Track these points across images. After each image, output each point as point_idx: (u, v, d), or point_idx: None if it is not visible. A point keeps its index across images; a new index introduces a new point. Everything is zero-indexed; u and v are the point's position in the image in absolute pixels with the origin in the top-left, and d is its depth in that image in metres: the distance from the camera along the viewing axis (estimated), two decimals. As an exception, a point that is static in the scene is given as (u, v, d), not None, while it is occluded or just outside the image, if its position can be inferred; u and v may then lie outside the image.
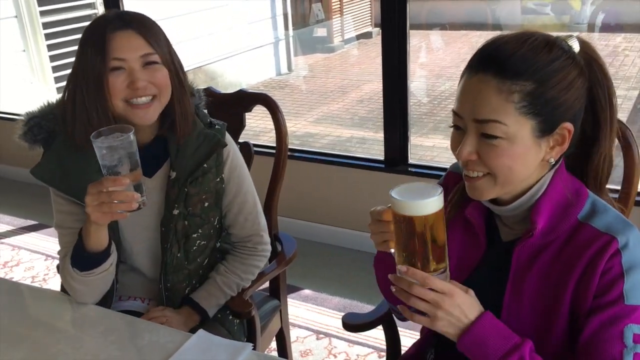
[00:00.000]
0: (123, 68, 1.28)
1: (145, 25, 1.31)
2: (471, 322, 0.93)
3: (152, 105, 1.31)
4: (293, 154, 3.04)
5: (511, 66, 0.92)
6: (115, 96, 1.28)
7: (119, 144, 1.14)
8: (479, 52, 0.97)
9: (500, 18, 7.89)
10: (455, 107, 0.98)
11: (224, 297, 1.50)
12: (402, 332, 1.50)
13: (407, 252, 0.94)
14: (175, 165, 1.39)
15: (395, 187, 0.94)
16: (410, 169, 2.74)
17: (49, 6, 4.60)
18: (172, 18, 5.42)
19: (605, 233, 0.95)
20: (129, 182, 1.16)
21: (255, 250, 1.54)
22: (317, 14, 7.99)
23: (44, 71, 4.72)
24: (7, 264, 3.03)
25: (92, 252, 1.29)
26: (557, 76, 0.93)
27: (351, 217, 2.92)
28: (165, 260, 1.43)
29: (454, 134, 1.00)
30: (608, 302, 0.93)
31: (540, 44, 0.94)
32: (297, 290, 2.63)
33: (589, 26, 7.09)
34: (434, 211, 0.91)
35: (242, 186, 1.49)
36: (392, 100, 2.68)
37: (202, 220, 1.44)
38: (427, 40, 7.73)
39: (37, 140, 1.36)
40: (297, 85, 7.24)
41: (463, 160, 0.98)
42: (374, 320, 1.41)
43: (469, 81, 0.96)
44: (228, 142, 1.45)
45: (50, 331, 1.29)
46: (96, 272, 1.32)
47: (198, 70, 6.08)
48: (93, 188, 1.18)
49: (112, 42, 1.26)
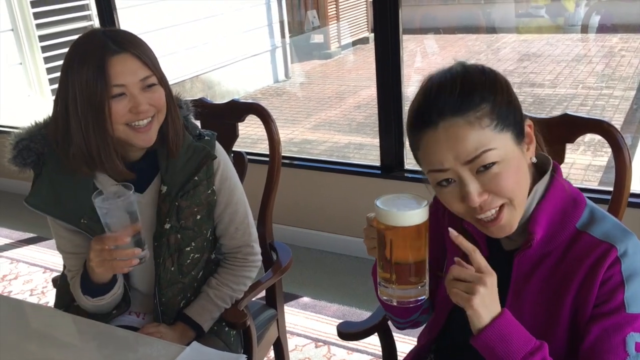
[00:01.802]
0: (124, 94, 1.27)
1: (139, 47, 1.29)
2: (496, 315, 0.92)
3: (152, 126, 1.32)
4: (291, 161, 3.05)
5: (462, 100, 0.92)
6: (117, 121, 1.28)
7: (120, 204, 1.19)
8: (423, 109, 0.95)
9: (495, 21, 7.92)
10: (430, 166, 0.95)
11: (218, 310, 1.49)
12: (398, 339, 1.49)
13: (383, 262, 0.94)
14: (165, 180, 1.39)
15: (383, 196, 0.94)
16: (406, 174, 2.75)
17: (45, 19, 4.63)
18: (169, 28, 5.45)
19: (603, 241, 0.95)
20: (130, 240, 1.22)
21: (246, 261, 1.53)
22: (313, 20, 8.02)
23: (40, 84, 4.74)
24: (5, 277, 3.03)
25: (100, 284, 1.36)
26: (496, 85, 0.95)
27: (349, 224, 2.93)
28: (159, 274, 1.43)
29: (446, 191, 0.96)
30: (609, 311, 0.92)
31: (461, 72, 0.95)
32: (295, 298, 2.63)
33: (583, 27, 7.12)
34: (414, 224, 0.91)
35: (233, 196, 1.48)
36: (387, 106, 2.68)
37: (194, 233, 1.44)
38: (422, 45, 7.75)
39: (27, 164, 1.35)
40: (294, 92, 7.26)
41: (477, 205, 0.94)
42: (369, 328, 1.40)
43: (432, 135, 0.93)
44: (218, 153, 1.45)
45: (45, 345, 1.29)
46: (106, 298, 1.39)
47: (195, 79, 6.09)
48: (96, 244, 1.25)
49: (111, 68, 1.24)
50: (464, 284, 0.91)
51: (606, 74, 6.11)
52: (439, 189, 0.97)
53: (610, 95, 5.55)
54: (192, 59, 5.92)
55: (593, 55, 6.70)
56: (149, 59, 1.30)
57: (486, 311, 0.91)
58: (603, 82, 5.90)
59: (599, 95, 5.56)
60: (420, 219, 0.91)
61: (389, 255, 0.93)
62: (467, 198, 0.93)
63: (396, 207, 0.91)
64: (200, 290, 1.51)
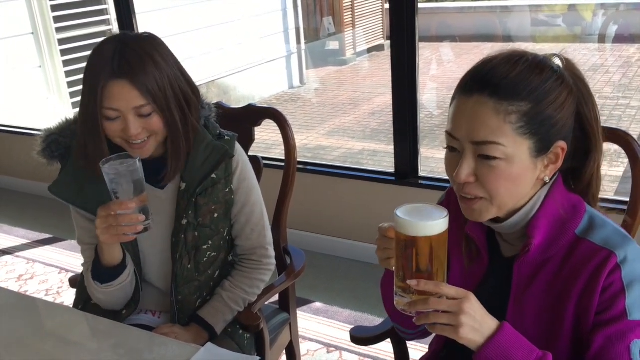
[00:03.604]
0: (118, 117, 1.30)
1: (140, 74, 1.27)
2: (494, 331, 0.91)
3: (148, 143, 1.34)
4: (304, 167, 3.06)
5: (507, 87, 0.92)
6: (111, 137, 1.33)
7: (125, 170, 1.22)
8: (472, 74, 0.97)
9: (511, 30, 7.89)
10: (449, 128, 0.98)
11: (231, 313, 1.50)
12: (411, 346, 1.49)
13: (404, 272, 0.93)
14: (185, 177, 1.42)
15: (401, 206, 0.93)
16: (420, 181, 2.74)
17: (64, 22, 4.69)
18: (187, 33, 5.50)
19: (603, 248, 0.95)
20: (135, 206, 1.24)
21: (260, 263, 1.54)
22: (329, 27, 8.04)
23: (59, 87, 4.80)
24: (21, 277, 3.06)
25: (108, 267, 1.38)
26: (550, 96, 0.93)
27: (362, 230, 2.93)
28: (175, 271, 1.44)
29: (449, 155, 1.00)
30: (612, 319, 0.92)
31: (532, 65, 0.94)
32: (307, 303, 2.64)
33: (600, 37, 7.07)
34: (437, 233, 0.90)
35: (250, 196, 1.50)
36: (403, 112, 2.68)
37: (212, 231, 1.46)
38: (438, 53, 7.74)
39: (54, 157, 1.41)
40: (309, 98, 7.28)
41: (461, 183, 0.97)
42: (382, 333, 1.41)
43: (464, 103, 0.95)
44: (238, 153, 1.47)
45: (61, 344, 1.30)
46: (114, 285, 1.40)
47: (211, 84, 6.14)
48: (102, 211, 1.27)
49: (106, 90, 1.27)
50: (445, 316, 0.90)
51: (623, 84, 6.06)
52: (447, 151, 1.00)
53: (627, 105, 5.51)
54: (209, 64, 5.96)
55: (610, 65, 6.65)
56: (149, 87, 1.28)
57: (478, 335, 0.90)
58: (620, 92, 5.85)
59: (616, 106, 5.52)
60: (443, 228, 0.91)
61: (412, 265, 0.91)
62: (457, 172, 0.96)
63: (418, 217, 0.91)
64: (214, 292, 1.52)
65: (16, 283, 3.01)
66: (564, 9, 7.53)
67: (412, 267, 0.92)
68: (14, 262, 3.22)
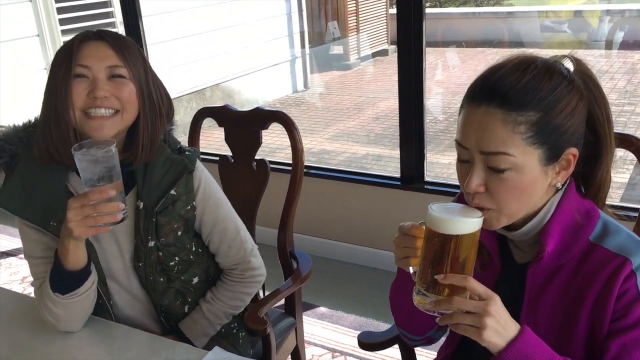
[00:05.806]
0: (87, 76, 1.23)
1: (120, 41, 1.25)
2: (515, 335, 0.89)
3: (110, 119, 1.24)
4: (309, 171, 3.05)
5: (515, 97, 0.90)
6: (75, 104, 1.23)
7: (100, 156, 1.11)
8: (480, 83, 0.95)
9: (517, 36, 7.89)
10: (458, 138, 0.97)
11: (211, 327, 1.46)
12: (418, 352, 1.48)
13: (434, 270, 0.91)
14: (142, 195, 1.33)
15: (433, 204, 0.92)
16: (426, 186, 2.73)
17: (70, 25, 4.69)
18: (192, 36, 5.50)
19: (618, 254, 0.94)
20: (115, 193, 1.13)
21: (243, 277, 1.48)
22: (333, 32, 8.05)
23: (64, 89, 4.80)
24: (25, 279, 3.06)
25: (73, 272, 1.24)
26: (560, 103, 0.92)
27: (367, 235, 2.92)
28: (152, 288, 1.39)
29: (460, 166, 0.99)
30: (627, 326, 0.91)
31: (541, 72, 0.92)
32: (312, 308, 2.62)
33: (607, 43, 7.05)
34: (472, 231, 0.90)
35: (219, 214, 1.43)
36: (408, 117, 2.68)
37: (177, 248, 1.40)
38: (443, 58, 7.73)
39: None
40: (313, 103, 7.28)
41: (471, 193, 0.96)
42: (391, 339, 1.40)
43: (472, 113, 0.94)
44: (199, 170, 1.39)
45: (66, 347, 1.29)
46: (79, 293, 1.26)
47: (215, 88, 6.14)
48: (75, 202, 1.13)
49: (80, 50, 1.23)
50: (470, 317, 0.88)
51: (628, 90, 6.04)
52: (457, 161, 0.99)
53: (633, 112, 5.49)
54: (213, 67, 5.96)
55: (615, 71, 6.64)
56: (127, 52, 1.24)
57: (500, 338, 0.89)
58: (625, 99, 5.83)
59: (621, 112, 5.50)
60: (480, 225, 0.91)
61: (446, 262, 0.90)
62: (467, 182, 0.95)
63: (459, 214, 0.91)
64: (202, 289, 1.48)
65: (20, 285, 3.01)
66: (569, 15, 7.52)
67: (445, 265, 0.90)
68: (18, 264, 3.22)
